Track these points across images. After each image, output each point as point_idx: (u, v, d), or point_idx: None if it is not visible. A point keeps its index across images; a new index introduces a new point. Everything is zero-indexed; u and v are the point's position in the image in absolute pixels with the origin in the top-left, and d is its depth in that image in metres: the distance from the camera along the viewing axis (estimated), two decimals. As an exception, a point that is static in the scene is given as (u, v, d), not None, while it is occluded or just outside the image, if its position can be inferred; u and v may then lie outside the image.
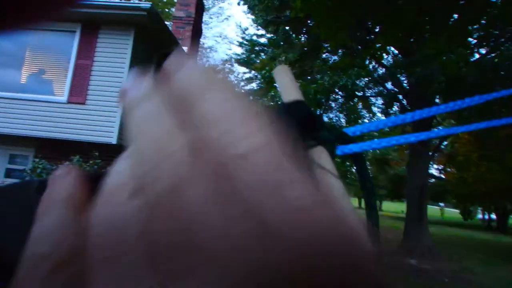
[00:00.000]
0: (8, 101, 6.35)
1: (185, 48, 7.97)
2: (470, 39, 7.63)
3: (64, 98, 6.31)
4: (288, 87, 0.28)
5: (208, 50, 25.20)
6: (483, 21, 7.53)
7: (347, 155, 0.27)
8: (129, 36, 6.32)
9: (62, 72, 6.50)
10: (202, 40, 16.02)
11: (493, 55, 7.79)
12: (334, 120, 17.93)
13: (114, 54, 6.35)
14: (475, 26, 7.29)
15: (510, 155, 11.57)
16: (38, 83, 6.86)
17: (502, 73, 7.31)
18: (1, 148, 6.77)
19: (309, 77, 11.47)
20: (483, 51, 8.40)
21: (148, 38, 6.78)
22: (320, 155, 0.25)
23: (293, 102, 0.26)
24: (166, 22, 7.50)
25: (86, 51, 6.38)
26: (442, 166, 21.42)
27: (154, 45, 7.11)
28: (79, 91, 6.29)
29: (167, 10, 17.86)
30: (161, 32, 6.79)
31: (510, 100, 5.88)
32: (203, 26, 12.26)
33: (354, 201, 43.85)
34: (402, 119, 0.29)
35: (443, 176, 23.19)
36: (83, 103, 6.26)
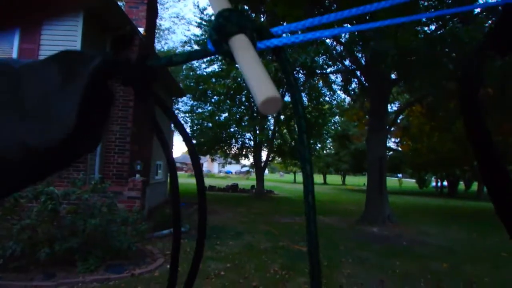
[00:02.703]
0: None
1: (141, 30, 7.62)
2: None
3: (9, 86, 5.86)
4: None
5: (165, 32, 24.22)
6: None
7: (269, 48, 0.30)
8: (77, 17, 5.92)
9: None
10: (158, 21, 15.36)
11: (441, 31, 8.20)
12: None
13: (63, 36, 5.95)
14: (425, 3, 7.60)
15: (458, 125, 12.39)
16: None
17: (447, 48, 7.75)
18: None
19: (270, 57, 11.47)
20: (432, 27, 8.81)
21: (99, 18, 6.39)
22: (241, 39, 0.28)
23: (225, 9, 0.30)
24: (118, 2, 7.08)
25: (29, 34, 5.90)
26: (398, 139, 22.58)
27: (106, 25, 6.72)
28: (25, 78, 5.86)
29: (118, -11, 16.83)
30: (113, 12, 6.42)
31: None
32: (159, 7, 11.72)
33: (319, 178, 45.09)
34: (319, 20, 0.31)
35: (400, 149, 24.50)
36: (32, 91, 5.85)
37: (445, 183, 29.11)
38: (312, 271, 0.28)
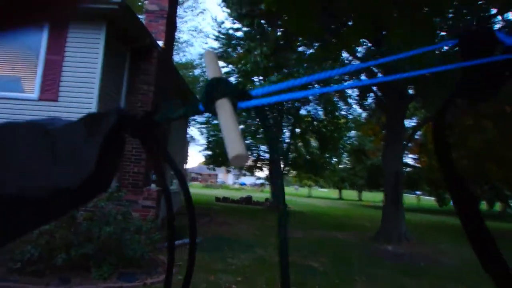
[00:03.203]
0: (-26, 100, 6.08)
1: (160, 43, 7.85)
2: (438, 31, 7.90)
3: (35, 95, 6.11)
4: (212, 68, 0.40)
5: (184, 44, 24.82)
6: (450, 14, 7.83)
7: (249, 107, 0.37)
8: (100, 30, 6.17)
9: (32, 68, 6.27)
10: (177, 34, 15.77)
11: (457, 48, 8.08)
12: (312, 112, 18.17)
13: (86, 49, 6.19)
14: (437, 19, 7.56)
15: (474, 141, 12.08)
16: (7, 80, 6.59)
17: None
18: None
19: (285, 70, 11.56)
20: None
21: (120, 31, 6.63)
22: (224, 103, 0.35)
23: (214, 78, 0.38)
24: (139, 16, 7.35)
25: (56, 46, 6.18)
26: (416, 155, 22.15)
27: (127, 39, 6.97)
28: (50, 88, 6.10)
29: (140, 3, 17.44)
30: (134, 26, 6.66)
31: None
32: (178, 20, 12.07)
33: (334, 193, 44.42)
34: (293, 82, 0.39)
35: (417, 165, 24.01)
36: (55, 100, 6.09)
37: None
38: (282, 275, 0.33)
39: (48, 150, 0.36)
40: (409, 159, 23.96)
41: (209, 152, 18.64)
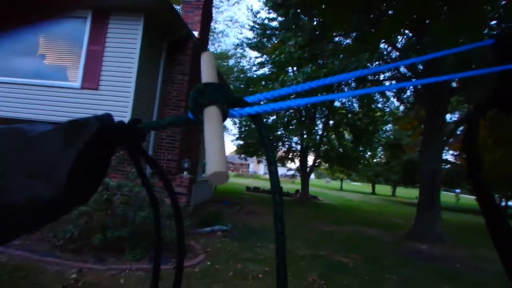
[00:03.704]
0: (24, 87, 6.51)
1: (195, 33, 7.95)
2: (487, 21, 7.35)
3: (77, 84, 6.44)
4: (207, 71, 0.37)
5: (219, 34, 24.98)
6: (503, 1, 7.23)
7: (242, 116, 0.35)
8: (139, 21, 6.35)
9: (75, 58, 6.60)
10: (212, 24, 15.89)
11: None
12: (347, 105, 17.71)
13: (125, 39, 6.40)
14: (488, 7, 7.00)
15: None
16: (52, 69, 6.99)
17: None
18: (19, 133, 6.99)
19: (320, 61, 11.31)
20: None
21: (157, 23, 6.79)
22: (211, 111, 0.32)
23: (207, 83, 0.35)
24: (176, 7, 7.47)
25: (97, 37, 6.45)
26: (457, 152, 21.01)
27: (164, 30, 7.12)
28: (92, 77, 6.40)
29: (178, -6, 17.71)
30: (171, 17, 6.79)
31: None
32: (214, 10, 12.14)
33: (367, 187, 43.37)
34: (293, 88, 0.35)
35: (458, 162, 22.80)
36: (96, 89, 6.38)
37: (510, 203, 26.47)
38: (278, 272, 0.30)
39: (23, 161, 0.35)
40: (448, 155, 22.81)
41: (241, 142, 18.80)
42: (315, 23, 12.26)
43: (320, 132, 17.71)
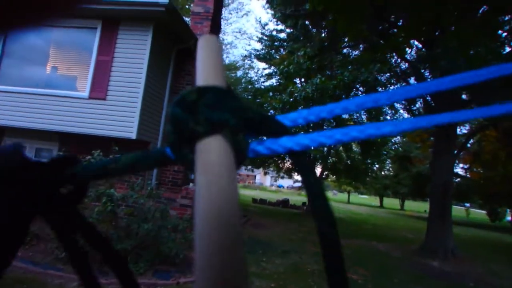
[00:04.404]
0: (33, 97, 6.55)
1: (203, 44, 7.97)
2: (500, 31, 7.24)
3: (85, 93, 6.45)
4: (207, 66, 0.22)
5: (227, 46, 25.21)
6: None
7: (274, 153, 0.19)
8: (148, 32, 6.37)
9: (84, 68, 6.64)
10: (221, 35, 16.03)
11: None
12: (355, 117, 17.58)
13: (134, 50, 6.42)
14: (505, 18, 6.89)
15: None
16: (62, 79, 7.04)
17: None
18: (27, 143, 7.01)
19: (328, 72, 11.26)
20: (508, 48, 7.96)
21: (166, 33, 6.82)
22: (213, 148, 0.17)
23: (204, 87, 0.19)
24: (185, 18, 7.51)
25: (106, 48, 6.48)
26: (468, 165, 20.63)
27: (173, 40, 7.15)
28: (100, 87, 6.41)
29: (187, 6, 17.96)
30: (180, 27, 6.81)
31: None
32: (222, 22, 12.23)
33: (374, 200, 42.84)
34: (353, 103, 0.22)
35: (468, 176, 22.35)
36: (104, 99, 6.38)
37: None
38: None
39: None
40: (458, 168, 22.40)
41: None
42: (323, 34, 12.27)
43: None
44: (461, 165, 21.93)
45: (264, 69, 18.28)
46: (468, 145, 13.87)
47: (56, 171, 0.22)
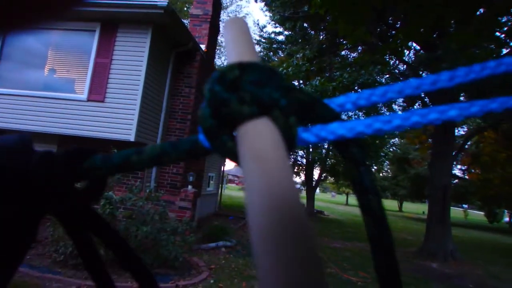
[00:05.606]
0: (32, 99, 6.52)
1: (202, 46, 7.97)
2: (498, 33, 7.26)
3: (84, 96, 6.43)
4: (241, 43, 0.19)
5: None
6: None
7: (325, 142, 0.17)
8: (146, 34, 6.36)
9: (83, 71, 6.62)
10: (219, 38, 16.06)
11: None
12: (353, 118, 17.58)
13: (132, 52, 6.41)
14: (503, 19, 6.91)
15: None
16: (60, 81, 7.01)
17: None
18: (24, 145, 6.97)
19: (327, 74, 11.27)
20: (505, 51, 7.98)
21: (165, 36, 6.80)
22: (260, 133, 0.14)
23: (246, 63, 0.16)
24: (184, 20, 7.51)
25: (105, 50, 6.46)
26: (466, 167, 20.67)
27: (171, 43, 7.14)
28: (98, 90, 6.39)
29: (185, 8, 17.98)
30: (178, 30, 6.80)
31: None
32: (221, 24, 12.24)
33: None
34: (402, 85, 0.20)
35: (466, 177, 22.41)
36: (102, 101, 6.36)
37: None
38: None
39: None
40: (456, 170, 22.44)
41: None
42: (321, 37, 12.28)
43: (326, 146, 17.57)
44: (459, 166, 21.99)
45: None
46: (466, 147, 13.90)
47: (71, 165, 0.20)
